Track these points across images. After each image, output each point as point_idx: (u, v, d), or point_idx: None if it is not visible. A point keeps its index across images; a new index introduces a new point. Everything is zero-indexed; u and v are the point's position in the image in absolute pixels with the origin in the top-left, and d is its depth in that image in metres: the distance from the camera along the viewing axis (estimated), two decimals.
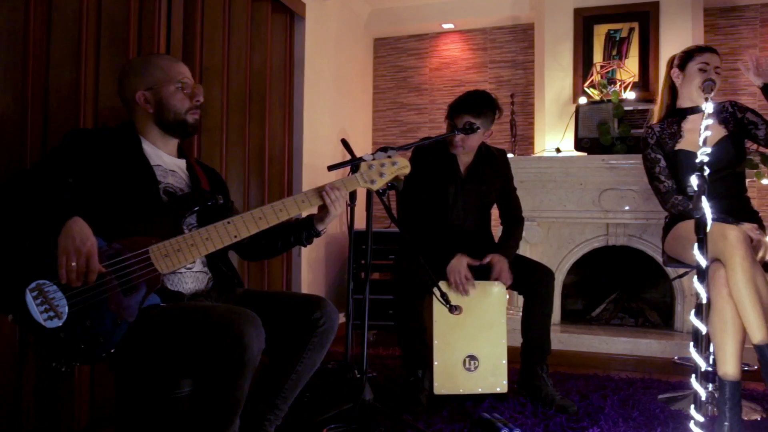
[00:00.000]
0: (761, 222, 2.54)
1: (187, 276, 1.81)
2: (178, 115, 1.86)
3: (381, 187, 2.03)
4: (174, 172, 1.89)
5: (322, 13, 4.15)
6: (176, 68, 1.88)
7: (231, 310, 1.58)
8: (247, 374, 1.52)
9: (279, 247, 2.07)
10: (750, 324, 2.06)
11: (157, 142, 1.88)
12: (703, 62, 2.55)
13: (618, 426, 2.31)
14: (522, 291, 2.74)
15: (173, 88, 1.85)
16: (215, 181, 2.06)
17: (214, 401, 1.54)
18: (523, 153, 4.42)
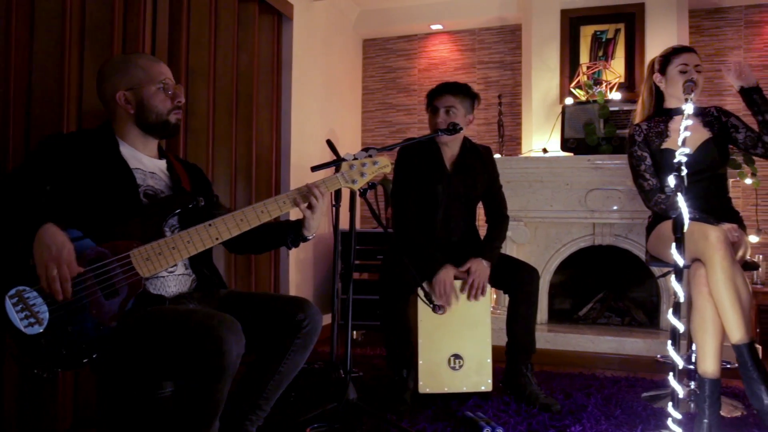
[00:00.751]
0: (742, 222, 2.57)
1: (170, 279, 1.81)
2: (160, 116, 1.85)
3: (362, 186, 2.04)
4: (154, 174, 1.89)
5: (310, 14, 4.16)
6: (157, 68, 1.87)
7: (211, 316, 1.58)
8: (226, 379, 1.53)
9: (264, 246, 2.08)
10: (729, 323, 2.09)
11: (136, 143, 1.87)
12: (682, 63, 2.58)
13: (600, 424, 2.33)
14: (507, 290, 2.76)
15: (154, 88, 1.84)
16: (197, 179, 2.05)
17: (194, 404, 1.55)
18: (511, 153, 4.44)
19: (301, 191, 1.91)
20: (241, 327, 1.58)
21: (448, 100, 2.74)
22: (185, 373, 1.54)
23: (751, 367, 2.04)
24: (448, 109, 2.73)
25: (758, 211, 4.05)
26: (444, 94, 2.75)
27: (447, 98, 2.74)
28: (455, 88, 2.76)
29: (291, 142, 3.87)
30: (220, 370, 1.50)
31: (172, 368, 1.59)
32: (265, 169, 3.66)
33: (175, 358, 1.55)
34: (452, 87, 2.77)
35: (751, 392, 2.05)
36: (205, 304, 1.88)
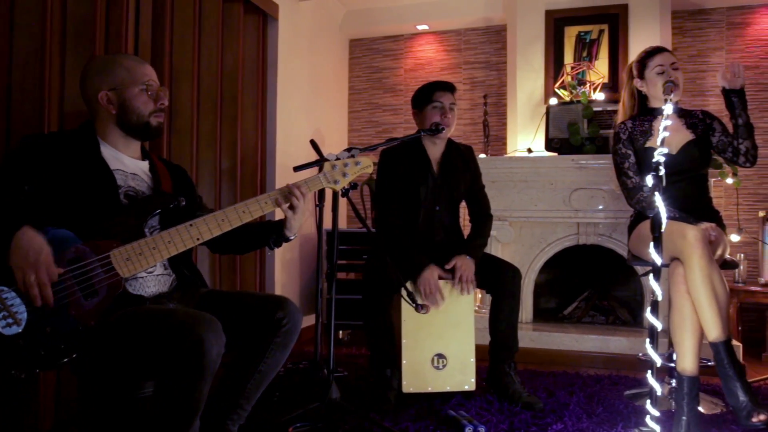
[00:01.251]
0: (722, 222, 2.60)
1: (149, 280, 1.81)
2: (142, 118, 1.85)
3: (344, 186, 2.04)
4: (135, 175, 1.88)
5: (296, 14, 4.16)
6: (141, 69, 1.87)
7: (190, 315, 1.58)
8: (206, 378, 1.53)
9: (246, 247, 2.08)
10: (706, 321, 2.11)
11: (118, 144, 1.86)
12: (658, 65, 2.61)
13: (582, 422, 2.35)
14: (490, 289, 2.78)
15: (137, 89, 1.83)
16: (180, 180, 2.05)
17: (174, 404, 1.54)
18: (496, 153, 4.46)
19: (282, 192, 1.91)
20: (221, 326, 1.58)
21: (450, 97, 2.79)
22: (165, 373, 1.54)
23: (728, 364, 2.06)
24: (452, 106, 2.77)
25: (739, 210, 4.10)
26: (447, 91, 2.79)
27: (449, 96, 2.79)
28: (454, 87, 2.84)
29: (276, 142, 3.87)
30: (200, 369, 1.51)
31: (152, 368, 1.59)
32: (251, 169, 3.65)
33: (154, 358, 1.54)
34: (450, 86, 2.83)
35: (727, 389, 2.07)
36: (184, 303, 1.88)
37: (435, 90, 2.78)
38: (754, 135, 2.50)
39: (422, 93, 2.82)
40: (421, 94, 2.83)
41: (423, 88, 2.85)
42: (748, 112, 2.47)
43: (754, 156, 2.51)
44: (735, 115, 2.47)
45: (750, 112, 4.14)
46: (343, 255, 4.06)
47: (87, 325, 1.57)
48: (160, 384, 1.58)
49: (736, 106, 2.46)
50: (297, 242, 4.17)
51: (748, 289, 3.77)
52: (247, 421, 1.94)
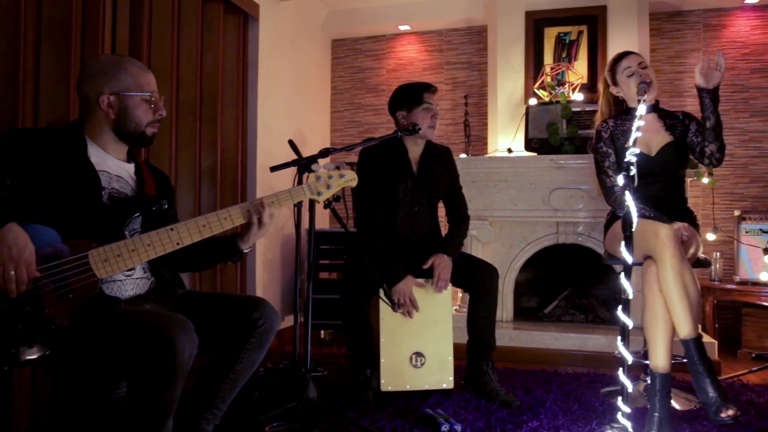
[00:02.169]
0: (695, 222, 2.63)
1: (127, 283, 1.81)
2: (139, 127, 1.85)
3: (327, 198, 2.04)
4: (120, 177, 1.88)
5: (277, 14, 4.16)
6: (146, 78, 1.87)
7: (163, 316, 1.58)
8: (178, 379, 1.53)
9: (201, 263, 2.05)
10: (677, 319, 2.14)
11: (107, 146, 1.86)
12: (626, 68, 2.65)
13: (557, 419, 2.38)
14: (467, 289, 2.79)
15: (140, 99, 1.84)
16: (163, 186, 2.05)
17: (147, 405, 1.54)
18: (477, 153, 4.48)
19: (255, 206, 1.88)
20: (193, 327, 1.58)
21: (435, 99, 2.81)
22: (137, 374, 1.54)
23: (698, 361, 2.10)
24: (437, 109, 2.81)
25: (715, 209, 4.16)
26: (432, 92, 2.80)
27: (435, 97, 2.81)
28: (436, 89, 2.85)
29: (257, 142, 3.87)
30: (172, 370, 1.51)
31: (125, 368, 1.59)
32: (231, 170, 3.65)
33: (127, 358, 1.54)
34: (436, 88, 2.85)
35: (697, 386, 2.11)
36: (160, 304, 1.88)
37: (424, 91, 2.78)
38: (721, 138, 2.52)
39: (410, 93, 2.80)
40: (409, 93, 2.80)
41: (409, 87, 2.83)
42: (718, 113, 2.49)
43: (718, 159, 2.54)
44: (704, 116, 2.50)
45: (726, 113, 4.24)
46: (326, 255, 4.07)
47: (60, 325, 1.56)
48: (133, 385, 1.58)
49: (707, 107, 2.47)
50: (278, 242, 4.18)
51: (724, 287, 3.82)
52: (225, 421, 1.94)
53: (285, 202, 1.96)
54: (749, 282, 3.76)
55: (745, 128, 4.28)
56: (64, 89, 2.37)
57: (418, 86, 2.81)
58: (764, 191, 4.20)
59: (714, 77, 2.44)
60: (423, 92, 2.77)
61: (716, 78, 2.44)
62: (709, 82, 2.45)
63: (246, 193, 3.79)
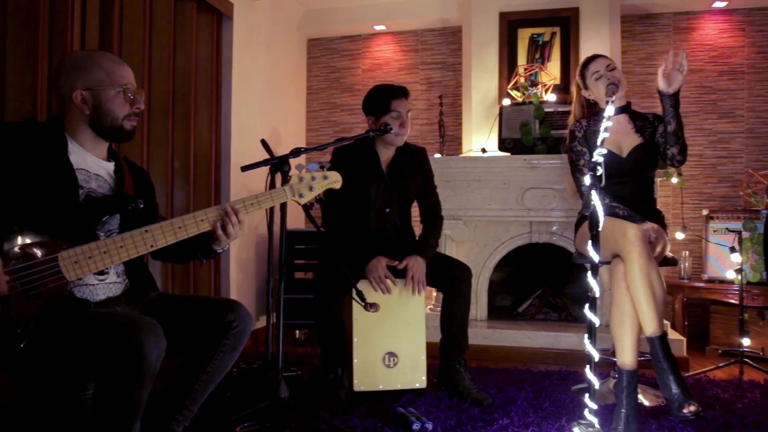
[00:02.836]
0: (664, 222, 2.67)
1: (99, 288, 1.79)
2: (116, 121, 1.81)
3: (309, 201, 2.01)
4: (99, 176, 1.85)
5: (252, 13, 4.13)
6: (120, 71, 1.83)
7: (130, 319, 1.57)
8: (145, 382, 1.53)
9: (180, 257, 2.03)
10: (643, 317, 2.18)
11: (86, 143, 1.83)
12: (594, 72, 2.70)
13: (528, 416, 2.41)
14: (440, 288, 2.81)
15: (114, 92, 1.80)
16: (142, 184, 2.02)
17: (113, 407, 1.53)
18: (452, 153, 4.51)
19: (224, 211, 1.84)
20: (161, 330, 1.57)
21: (405, 104, 2.76)
22: (104, 376, 1.53)
23: (662, 358, 2.14)
24: (407, 113, 2.77)
25: (684, 209, 4.23)
26: (404, 97, 2.76)
27: (405, 102, 2.76)
28: (409, 92, 2.82)
29: (231, 142, 3.85)
30: (139, 373, 1.50)
31: (92, 370, 1.58)
32: (205, 169, 3.62)
33: (94, 360, 1.53)
34: (408, 91, 2.82)
35: (661, 382, 2.15)
36: (132, 307, 1.87)
37: (391, 98, 2.74)
38: (682, 141, 2.55)
39: (378, 100, 2.77)
40: (377, 100, 2.77)
41: (378, 94, 2.80)
42: (680, 118, 2.52)
43: (679, 161, 2.58)
44: (666, 121, 2.54)
45: (695, 114, 4.32)
46: (301, 255, 4.06)
47: (27, 327, 1.54)
48: (100, 387, 1.56)
49: (668, 112, 2.51)
50: (253, 242, 4.16)
51: (692, 285, 3.89)
52: (196, 422, 1.93)
53: (265, 204, 1.94)
54: (717, 280, 3.84)
55: (713, 129, 4.36)
56: (30, 85, 2.33)
57: (386, 93, 2.76)
58: (732, 191, 4.28)
59: (676, 80, 2.46)
60: (391, 99, 2.73)
61: (678, 81, 2.46)
62: (671, 85, 2.47)
63: (220, 192, 3.77)
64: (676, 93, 2.49)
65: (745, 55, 4.32)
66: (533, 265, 4.30)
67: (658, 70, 2.49)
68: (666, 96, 2.50)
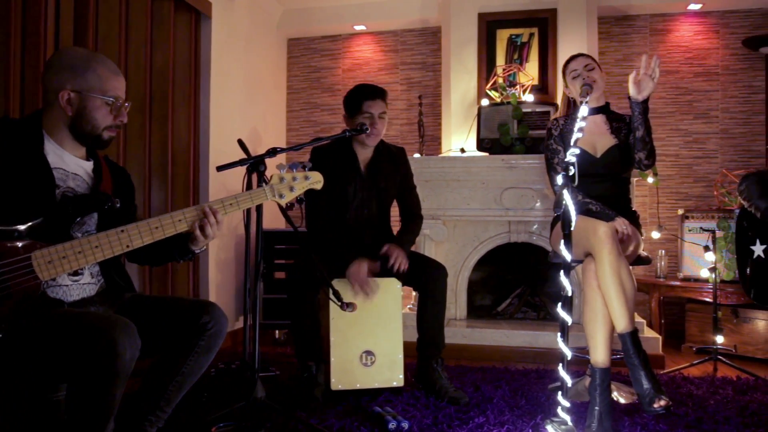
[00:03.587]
0: (638, 221, 2.71)
1: (73, 288, 1.78)
2: (96, 129, 1.80)
3: (290, 201, 2.01)
4: (77, 175, 1.83)
5: (231, 12, 4.12)
6: (113, 82, 1.82)
7: (104, 318, 1.56)
8: (119, 381, 1.52)
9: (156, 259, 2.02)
10: (615, 314, 2.21)
11: (64, 143, 1.81)
12: (573, 70, 2.72)
13: (504, 415, 2.42)
14: (416, 287, 2.82)
15: (101, 102, 1.78)
16: (121, 183, 2.00)
17: (87, 407, 1.53)
18: (432, 153, 4.53)
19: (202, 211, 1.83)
20: (136, 330, 1.57)
21: (380, 105, 2.76)
22: (77, 376, 1.52)
23: (633, 354, 2.16)
24: (382, 115, 2.76)
25: (660, 208, 4.28)
26: (378, 99, 2.75)
27: (380, 103, 2.76)
28: (385, 94, 2.80)
29: (210, 141, 3.83)
30: (112, 373, 1.50)
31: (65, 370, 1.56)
32: (183, 169, 3.61)
33: (67, 360, 1.52)
34: (382, 92, 2.79)
35: (633, 378, 2.17)
36: (106, 307, 1.85)
37: (364, 99, 2.74)
38: (649, 146, 2.59)
39: (352, 100, 2.78)
40: (351, 101, 2.78)
41: (352, 94, 2.81)
42: (648, 124, 2.56)
43: (647, 165, 2.63)
44: (634, 127, 2.57)
45: (671, 115, 4.37)
46: (281, 254, 4.05)
47: None
48: (73, 387, 1.55)
49: (636, 119, 2.54)
50: (232, 242, 4.14)
51: (668, 284, 3.94)
52: (172, 422, 1.92)
53: (245, 204, 1.93)
54: (692, 278, 3.89)
55: (689, 130, 4.42)
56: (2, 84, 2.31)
57: (359, 94, 2.77)
58: (707, 191, 4.35)
59: (646, 87, 2.49)
60: (363, 100, 2.73)
61: (648, 89, 2.49)
62: (641, 92, 2.50)
63: (198, 192, 3.76)
64: (646, 100, 2.52)
65: (719, 56, 4.39)
66: (512, 265, 4.32)
67: (629, 77, 2.51)
68: (635, 103, 2.53)
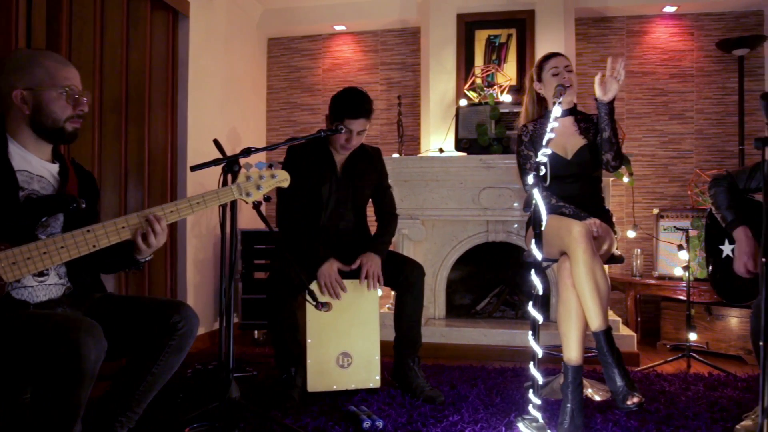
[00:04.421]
0: (611, 220, 2.74)
1: (39, 289, 1.77)
2: (57, 122, 1.79)
3: (257, 199, 2.01)
4: (42, 177, 1.82)
5: (209, 12, 4.10)
6: (64, 72, 1.81)
7: (68, 319, 1.55)
8: (84, 383, 1.51)
9: (106, 268, 1.99)
10: (588, 312, 2.24)
11: (28, 144, 1.80)
12: (553, 67, 2.72)
13: (478, 412, 2.44)
14: (393, 286, 2.83)
15: (56, 93, 1.77)
16: (87, 187, 1.99)
17: (52, 409, 1.52)
18: (411, 153, 4.54)
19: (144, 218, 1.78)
20: (101, 330, 1.56)
21: (362, 123, 2.72)
22: (42, 378, 1.50)
23: (607, 352, 2.19)
24: (361, 132, 2.75)
25: (636, 207, 4.34)
26: (360, 117, 2.70)
27: (362, 121, 2.71)
28: (369, 112, 2.73)
29: (188, 142, 3.81)
30: (77, 375, 1.49)
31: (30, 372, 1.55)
32: (160, 169, 3.59)
33: (31, 362, 1.51)
34: (367, 111, 2.72)
35: (607, 375, 2.20)
36: (74, 308, 1.84)
37: (346, 116, 2.68)
38: (615, 148, 2.62)
39: (336, 109, 2.72)
40: (336, 110, 2.72)
41: (339, 104, 2.73)
42: (614, 126, 2.59)
43: (614, 167, 2.66)
44: (600, 128, 2.60)
45: (647, 116, 4.43)
46: (260, 255, 4.04)
47: None
48: (38, 389, 1.54)
49: (602, 120, 2.58)
50: (211, 243, 4.12)
51: (644, 282, 3.99)
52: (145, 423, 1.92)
53: (211, 203, 1.93)
54: (667, 277, 3.95)
55: (665, 130, 4.48)
56: None
57: (344, 109, 2.70)
58: (682, 190, 4.40)
59: (611, 89, 2.52)
60: (345, 117, 2.68)
61: (613, 90, 2.52)
62: (606, 94, 2.53)
63: (176, 193, 3.74)
64: (611, 101, 2.56)
65: (694, 58, 4.45)
66: (491, 264, 4.35)
67: (596, 78, 2.55)
68: (601, 104, 2.56)
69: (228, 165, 2.18)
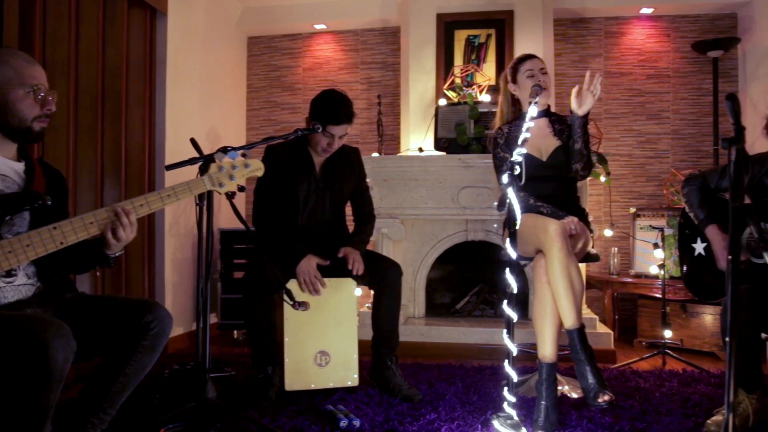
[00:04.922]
0: (586, 219, 2.77)
1: (7, 290, 1.75)
2: (24, 122, 1.77)
3: (230, 190, 2.00)
4: (6, 177, 1.80)
5: (188, 9, 4.07)
6: (30, 71, 1.79)
7: (36, 320, 1.53)
8: (52, 384, 1.49)
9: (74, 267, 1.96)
10: (562, 310, 2.26)
11: None
12: (528, 69, 2.74)
13: (455, 410, 2.45)
14: (371, 285, 2.83)
15: (23, 92, 1.75)
16: (55, 185, 1.97)
17: (20, 411, 1.50)
18: (391, 152, 4.55)
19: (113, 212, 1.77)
20: (70, 331, 1.54)
21: (344, 128, 2.72)
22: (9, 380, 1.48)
23: (580, 349, 2.22)
24: (342, 136, 2.75)
25: (613, 207, 4.38)
26: (342, 123, 2.70)
27: (344, 127, 2.71)
28: (351, 118, 2.73)
29: (166, 140, 3.78)
30: (45, 376, 1.47)
31: None
32: (137, 168, 3.56)
33: None
34: (350, 116, 2.72)
35: (579, 373, 2.23)
36: (44, 309, 1.82)
37: (328, 123, 2.66)
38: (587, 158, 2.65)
39: (317, 115, 2.69)
40: (318, 114, 2.69)
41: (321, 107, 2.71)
42: (587, 138, 2.63)
43: (582, 176, 2.72)
44: (573, 139, 2.63)
45: (624, 116, 4.48)
46: (240, 254, 4.02)
47: None
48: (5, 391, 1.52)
49: (576, 132, 2.60)
50: (189, 242, 4.10)
51: (621, 281, 4.04)
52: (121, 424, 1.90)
53: (183, 195, 1.92)
54: (643, 275, 3.99)
55: (642, 130, 4.53)
56: None
57: (326, 115, 2.67)
58: (659, 190, 4.46)
59: (586, 102, 2.55)
60: (327, 123, 2.67)
61: (588, 104, 2.55)
62: (581, 107, 2.56)
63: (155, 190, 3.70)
64: (586, 114, 2.59)
65: (670, 59, 4.51)
66: (471, 263, 4.37)
67: (572, 90, 2.57)
68: (576, 116, 2.59)
69: (205, 164, 2.17)
